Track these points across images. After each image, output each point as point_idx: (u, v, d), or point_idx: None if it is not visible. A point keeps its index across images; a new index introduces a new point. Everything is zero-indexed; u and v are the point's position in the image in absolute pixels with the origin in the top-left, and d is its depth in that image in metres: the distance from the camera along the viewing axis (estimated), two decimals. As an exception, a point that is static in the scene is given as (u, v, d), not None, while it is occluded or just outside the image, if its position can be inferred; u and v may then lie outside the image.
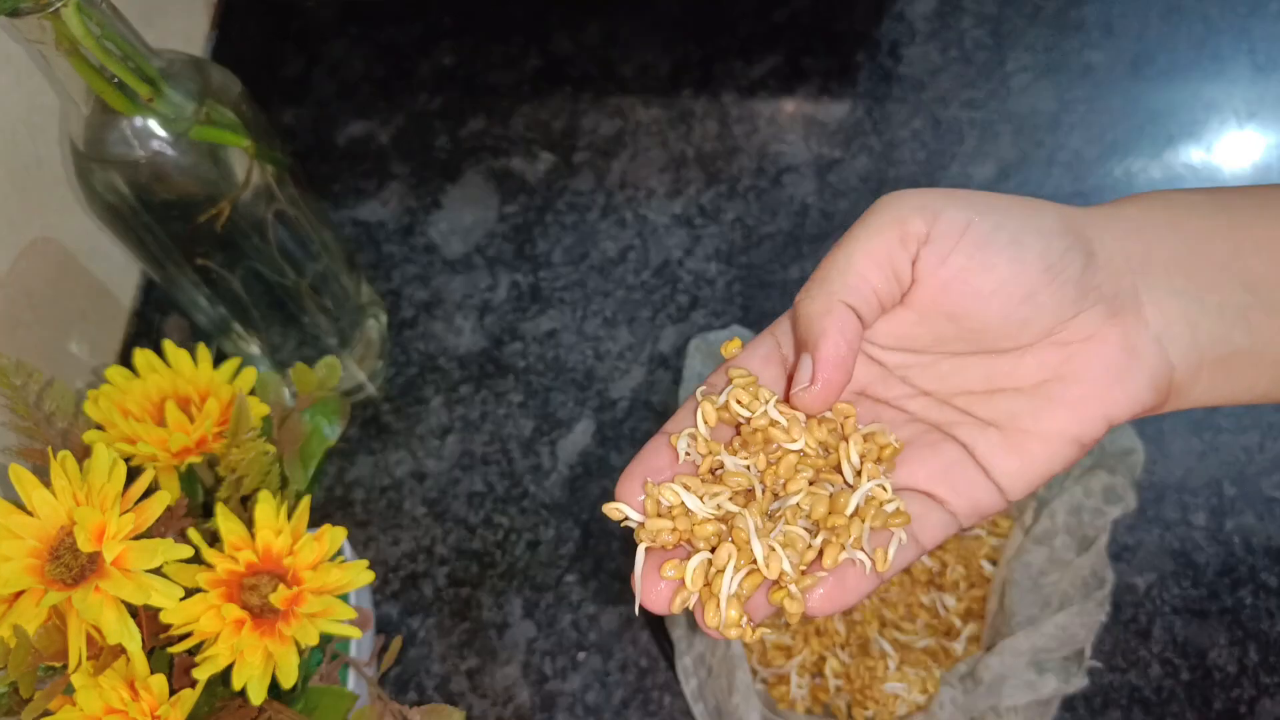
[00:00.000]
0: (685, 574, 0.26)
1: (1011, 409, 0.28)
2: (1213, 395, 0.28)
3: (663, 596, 0.27)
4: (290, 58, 0.73)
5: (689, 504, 0.27)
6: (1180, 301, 0.28)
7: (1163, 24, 0.71)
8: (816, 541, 0.27)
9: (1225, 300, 0.28)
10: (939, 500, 0.29)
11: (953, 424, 0.29)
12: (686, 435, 0.28)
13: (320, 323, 0.55)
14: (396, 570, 0.57)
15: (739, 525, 0.26)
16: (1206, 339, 0.28)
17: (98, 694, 0.34)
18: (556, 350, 0.62)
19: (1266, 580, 0.54)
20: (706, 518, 0.26)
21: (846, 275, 0.27)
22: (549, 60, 0.72)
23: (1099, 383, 0.27)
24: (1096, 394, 0.28)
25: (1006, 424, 0.29)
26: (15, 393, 0.41)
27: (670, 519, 0.27)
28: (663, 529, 0.26)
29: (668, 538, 0.26)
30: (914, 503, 0.28)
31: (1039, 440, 0.28)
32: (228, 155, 0.45)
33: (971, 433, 0.29)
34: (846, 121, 0.69)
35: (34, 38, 0.38)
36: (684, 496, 0.27)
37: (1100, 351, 0.27)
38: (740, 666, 0.47)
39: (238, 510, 0.41)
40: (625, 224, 0.66)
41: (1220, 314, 0.28)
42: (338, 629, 0.39)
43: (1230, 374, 0.28)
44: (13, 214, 0.51)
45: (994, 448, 0.28)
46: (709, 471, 0.28)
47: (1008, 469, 0.28)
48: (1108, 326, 0.27)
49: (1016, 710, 0.47)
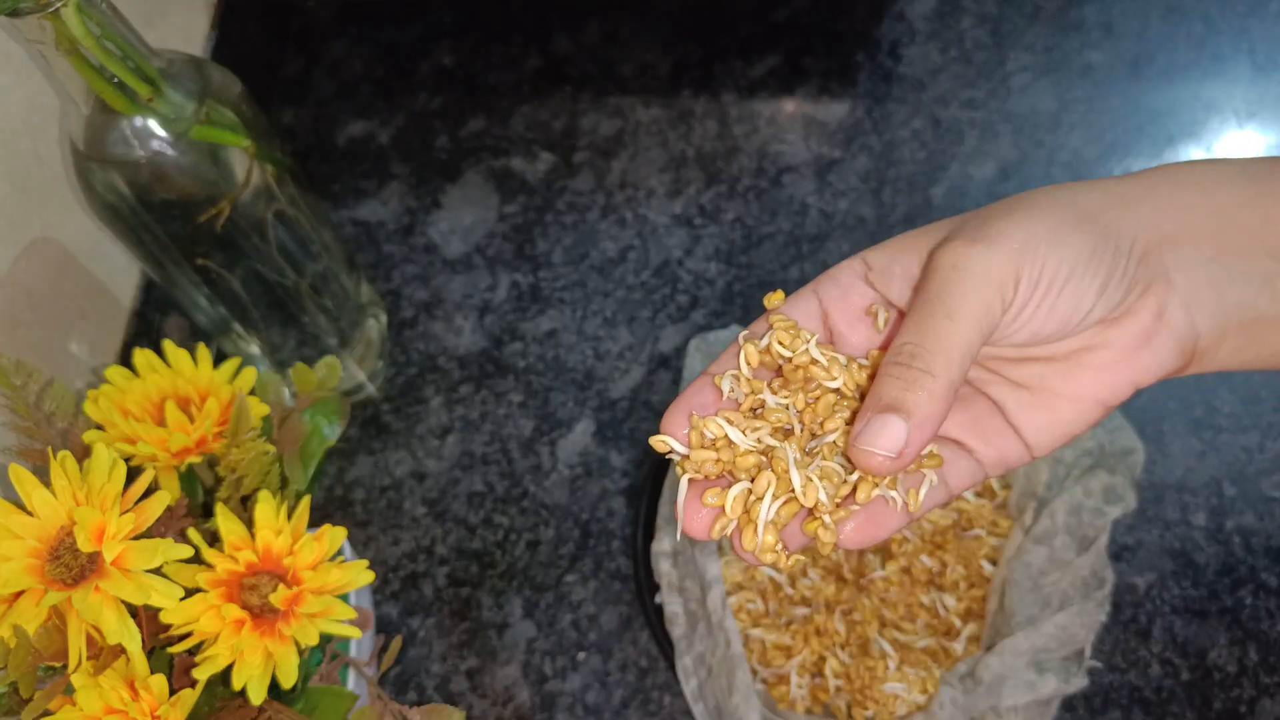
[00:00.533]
0: (726, 501, 0.28)
1: (1043, 373, 0.30)
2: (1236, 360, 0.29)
3: (704, 523, 0.28)
4: (290, 58, 0.73)
5: (732, 436, 0.28)
6: (1208, 269, 0.28)
7: (1163, 24, 0.71)
8: (852, 478, 0.28)
9: (1252, 268, 0.28)
10: (968, 449, 0.30)
11: (985, 382, 0.31)
12: (730, 375, 0.29)
13: (320, 323, 0.55)
14: (396, 570, 0.57)
15: (778, 456, 0.27)
16: (1232, 305, 0.28)
17: (98, 694, 0.34)
18: (556, 350, 0.62)
19: (1266, 580, 0.54)
20: (748, 449, 0.28)
21: (963, 356, 0.26)
22: (549, 60, 0.72)
23: (1127, 349, 0.28)
24: (1124, 359, 0.29)
25: (1036, 385, 0.30)
26: (15, 393, 0.41)
27: (714, 450, 0.28)
28: (706, 459, 0.28)
29: (711, 468, 0.28)
30: (944, 449, 0.30)
31: (1066, 400, 0.29)
32: (228, 155, 0.45)
33: (1002, 390, 0.30)
34: (846, 121, 0.69)
35: (34, 38, 0.38)
36: (727, 429, 0.28)
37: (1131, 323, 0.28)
38: (740, 666, 0.47)
39: (238, 510, 0.41)
40: (625, 224, 0.66)
41: (1247, 281, 0.28)
42: (338, 629, 0.39)
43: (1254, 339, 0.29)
44: (13, 214, 0.51)
45: (1023, 406, 0.30)
46: (750, 410, 0.29)
47: (1035, 426, 0.30)
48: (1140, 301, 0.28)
49: (1016, 710, 0.47)
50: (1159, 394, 0.59)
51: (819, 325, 0.31)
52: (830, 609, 0.53)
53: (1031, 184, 0.66)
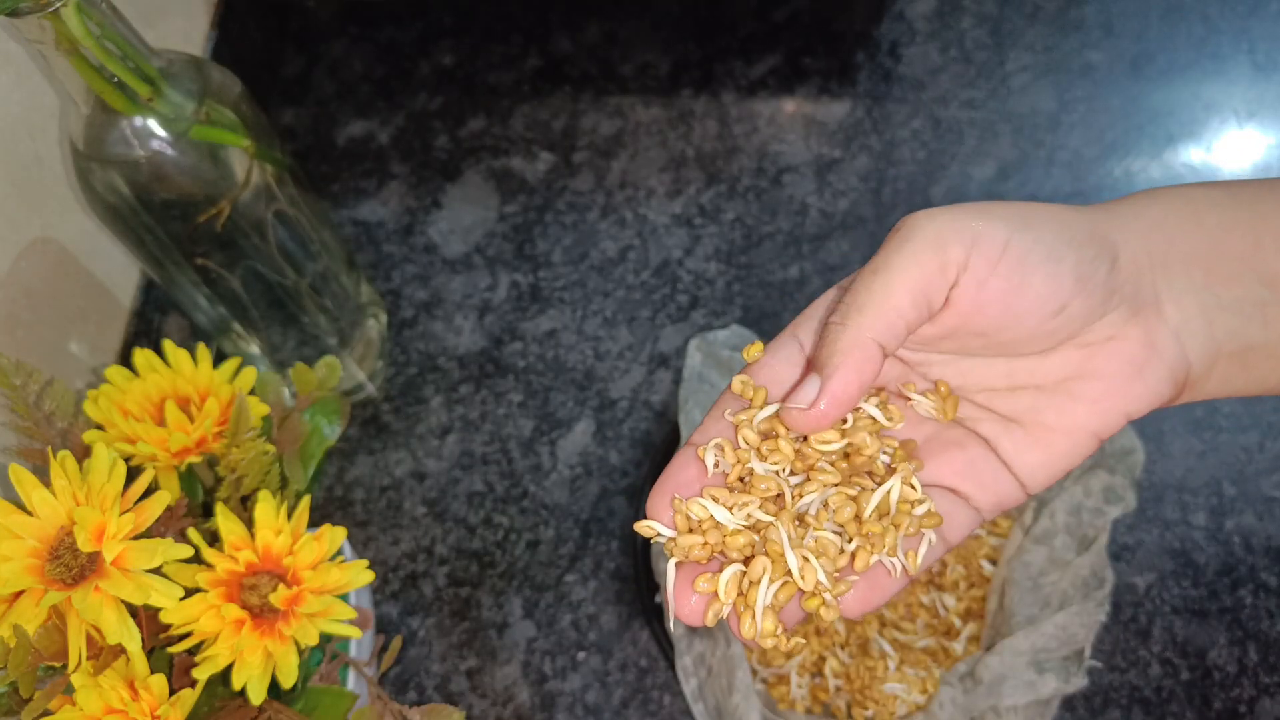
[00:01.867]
0: (719, 586, 0.26)
1: (1033, 405, 0.29)
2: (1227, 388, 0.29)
3: (696, 610, 0.27)
4: (290, 58, 0.73)
5: (718, 517, 0.27)
6: (1199, 297, 0.28)
7: (1163, 24, 0.71)
8: (850, 546, 0.27)
9: (1243, 295, 0.28)
10: (963, 496, 0.29)
11: (974, 420, 0.30)
12: (713, 447, 0.28)
13: (320, 323, 0.55)
14: (396, 570, 0.57)
15: (772, 537, 0.26)
16: (1223, 333, 0.28)
17: (98, 694, 0.34)
18: (556, 350, 0.62)
19: (1266, 580, 0.54)
20: (737, 529, 0.27)
21: (882, 309, 0.26)
22: (549, 60, 0.72)
23: (1118, 379, 0.28)
24: (1116, 390, 0.28)
25: (1028, 420, 0.29)
26: (15, 393, 0.41)
27: (701, 533, 0.27)
28: (694, 544, 0.26)
29: (699, 552, 0.27)
30: (940, 499, 0.29)
31: (1060, 435, 0.29)
32: (228, 155, 0.45)
33: (994, 428, 0.29)
34: (846, 121, 0.69)
35: (34, 38, 0.38)
36: (712, 509, 0.27)
37: (1120, 350, 0.28)
38: (740, 666, 0.47)
39: (238, 510, 0.41)
40: (625, 224, 0.66)
41: (1238, 309, 0.28)
42: (338, 629, 0.39)
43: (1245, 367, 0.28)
44: (13, 214, 0.51)
45: (1016, 443, 0.29)
46: (738, 479, 0.28)
47: (1030, 463, 0.29)
48: (1129, 326, 0.28)
49: (1016, 710, 0.47)
50: (1159, 394, 0.59)
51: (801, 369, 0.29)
52: (830, 609, 0.53)
53: (1031, 184, 0.66)
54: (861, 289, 0.27)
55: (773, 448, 0.28)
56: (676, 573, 0.27)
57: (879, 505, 0.27)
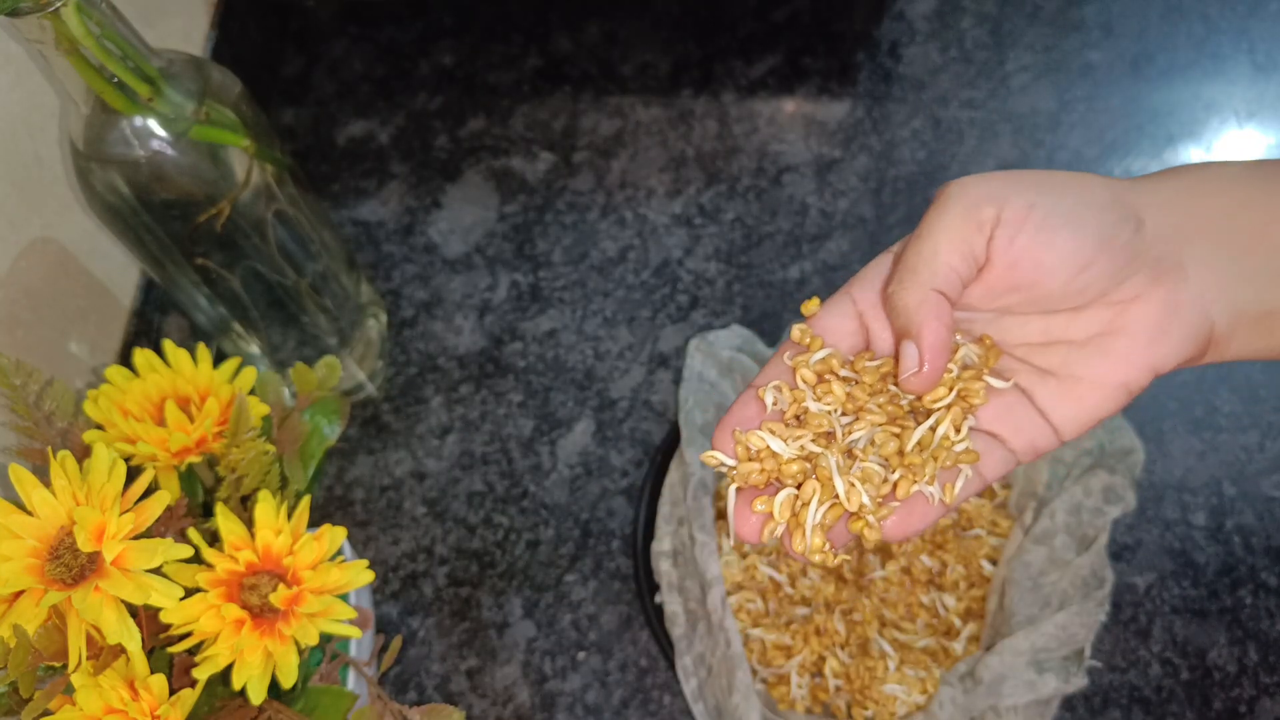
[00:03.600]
0: (774, 507, 0.29)
1: (1066, 358, 0.31)
2: (1249, 349, 0.31)
3: (754, 527, 0.30)
4: (290, 58, 0.73)
5: (774, 447, 0.30)
6: (1220, 264, 0.30)
7: (1163, 24, 0.71)
8: (893, 476, 0.30)
9: (1261, 264, 0.30)
10: (1001, 439, 0.32)
11: (1013, 371, 0.32)
12: (772, 387, 0.31)
13: (320, 322, 0.55)
14: (396, 570, 0.57)
15: (822, 464, 0.29)
16: (1244, 299, 0.30)
17: (98, 694, 0.34)
18: (556, 350, 0.62)
19: (1266, 580, 0.54)
20: (791, 458, 0.29)
21: (935, 264, 0.29)
22: (549, 60, 0.72)
23: (1144, 336, 0.30)
24: (1142, 346, 0.30)
25: (1062, 372, 0.31)
26: (15, 393, 0.41)
27: (759, 461, 0.29)
28: (752, 470, 0.29)
29: (757, 478, 0.29)
30: (979, 441, 0.31)
31: (1092, 387, 0.31)
32: (228, 155, 0.45)
33: (1030, 379, 0.32)
34: (846, 121, 0.69)
35: (34, 38, 0.38)
36: (769, 440, 0.30)
37: (1146, 309, 0.30)
38: (740, 666, 0.47)
39: (238, 510, 0.41)
40: (625, 224, 0.66)
41: (1257, 276, 0.30)
42: (338, 629, 0.39)
43: (1266, 331, 0.30)
44: (13, 214, 0.51)
45: (1051, 393, 0.31)
46: (795, 416, 0.31)
47: (1063, 412, 0.31)
48: (1153, 288, 0.30)
49: (1016, 710, 0.47)
50: (1159, 394, 0.59)
51: (856, 326, 0.32)
52: (830, 609, 0.53)
53: (1031, 184, 0.66)
54: (911, 253, 0.30)
55: (826, 390, 0.30)
56: (737, 497, 0.30)
57: (921, 440, 0.30)
